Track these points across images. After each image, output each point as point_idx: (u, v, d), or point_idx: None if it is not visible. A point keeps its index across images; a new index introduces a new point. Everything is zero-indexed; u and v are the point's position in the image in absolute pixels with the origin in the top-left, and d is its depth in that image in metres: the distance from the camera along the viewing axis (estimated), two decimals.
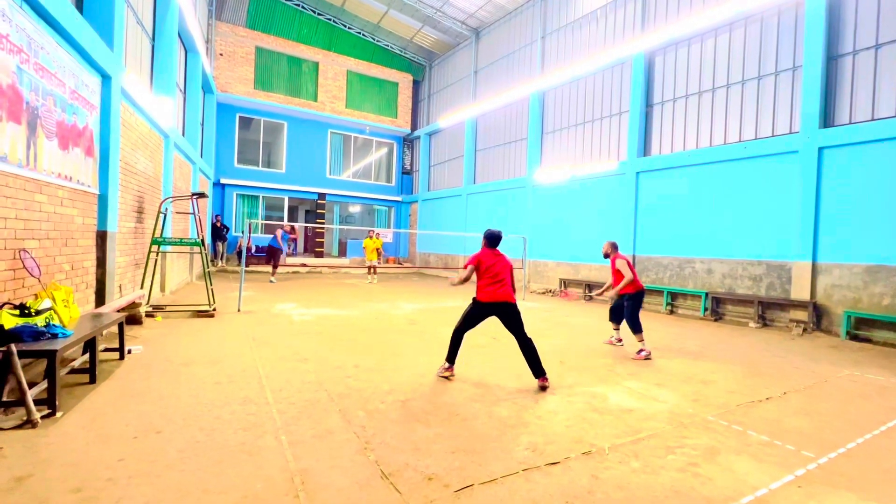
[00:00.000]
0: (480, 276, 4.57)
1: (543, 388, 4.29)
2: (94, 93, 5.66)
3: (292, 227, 14.66)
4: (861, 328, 7.63)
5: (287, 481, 2.51)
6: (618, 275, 6.22)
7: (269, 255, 13.37)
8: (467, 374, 4.73)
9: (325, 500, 2.35)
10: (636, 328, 6.03)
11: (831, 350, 6.80)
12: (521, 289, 12.65)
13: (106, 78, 5.84)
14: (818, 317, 8.15)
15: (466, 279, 4.62)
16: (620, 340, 6.45)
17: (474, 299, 4.61)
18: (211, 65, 16.49)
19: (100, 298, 5.82)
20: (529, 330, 4.62)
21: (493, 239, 4.69)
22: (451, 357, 4.62)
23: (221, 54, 17.31)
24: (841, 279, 7.91)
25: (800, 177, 8.45)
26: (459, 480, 2.59)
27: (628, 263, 6.12)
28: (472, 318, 4.60)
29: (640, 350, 5.87)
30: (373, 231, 14.38)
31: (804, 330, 8.07)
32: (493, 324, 7.76)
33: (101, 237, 5.82)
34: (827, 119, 8.33)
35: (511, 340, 6.50)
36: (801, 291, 8.32)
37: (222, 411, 3.46)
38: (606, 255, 6.43)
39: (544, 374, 4.38)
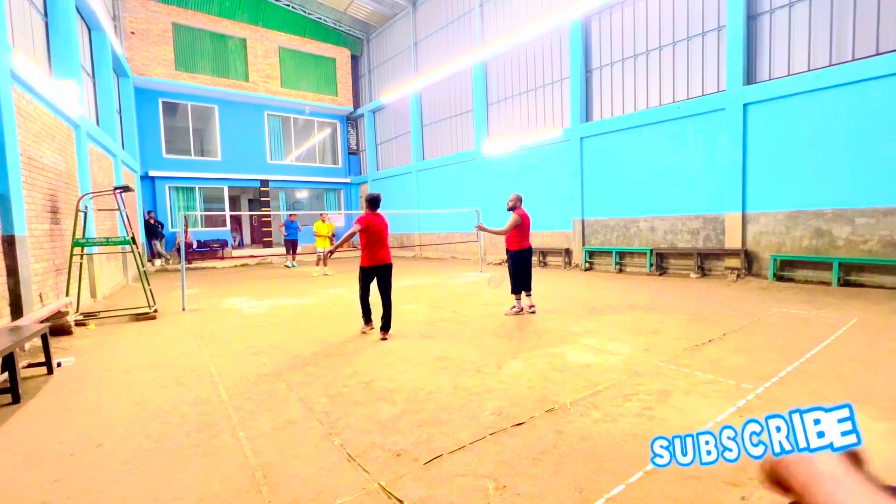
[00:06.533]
0: (366, 238, 5.13)
1: (384, 339, 5.08)
2: None
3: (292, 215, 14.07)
4: (785, 269, 8.36)
5: (248, 477, 2.39)
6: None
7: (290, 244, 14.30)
8: (430, 348, 4.72)
9: (290, 490, 2.26)
10: (514, 287, 6.09)
11: (761, 292, 7.41)
12: (478, 261, 12.78)
13: None
14: (749, 262, 8.83)
15: (349, 238, 5.02)
16: (532, 307, 6.24)
17: (362, 267, 5.27)
18: (122, 45, 14.87)
19: (16, 310, 5.22)
20: (491, 300, 4.65)
21: (373, 201, 5.25)
22: (367, 318, 5.47)
23: (133, 33, 15.64)
24: (767, 226, 8.57)
25: (728, 133, 8.96)
26: (428, 453, 2.57)
27: (523, 220, 5.98)
28: (366, 283, 5.33)
29: (513, 307, 6.12)
30: (325, 214, 12.70)
31: (738, 276, 8.74)
32: (452, 298, 7.81)
33: (9, 242, 5.17)
34: (750, 76, 8.82)
35: (472, 313, 6.56)
36: (733, 241, 8.96)
37: (171, 415, 3.24)
38: (511, 209, 6.13)
39: (388, 329, 5.19)
